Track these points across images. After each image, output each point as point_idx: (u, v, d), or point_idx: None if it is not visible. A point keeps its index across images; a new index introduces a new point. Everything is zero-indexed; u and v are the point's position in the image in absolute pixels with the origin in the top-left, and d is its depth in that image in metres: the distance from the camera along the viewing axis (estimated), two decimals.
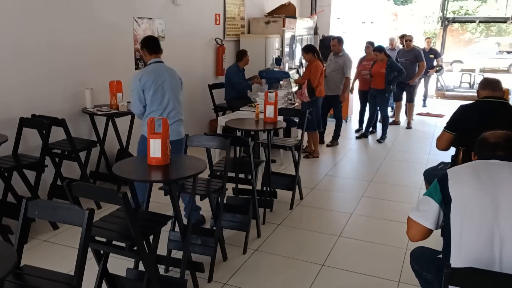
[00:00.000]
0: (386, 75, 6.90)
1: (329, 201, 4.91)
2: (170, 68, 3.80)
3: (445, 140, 3.40)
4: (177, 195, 3.06)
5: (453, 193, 1.94)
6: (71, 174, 4.48)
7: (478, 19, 16.85)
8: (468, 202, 1.90)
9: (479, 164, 2.07)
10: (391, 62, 6.98)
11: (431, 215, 2.03)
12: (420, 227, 2.06)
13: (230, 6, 7.41)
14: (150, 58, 3.73)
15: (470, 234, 1.88)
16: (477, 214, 1.88)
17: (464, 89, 13.45)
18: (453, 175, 2.01)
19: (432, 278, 2.29)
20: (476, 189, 1.92)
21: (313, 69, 5.87)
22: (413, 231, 2.12)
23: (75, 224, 2.06)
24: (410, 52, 8.27)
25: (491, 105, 3.21)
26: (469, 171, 2.02)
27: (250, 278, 3.23)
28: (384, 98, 7.18)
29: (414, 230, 2.10)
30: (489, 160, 2.06)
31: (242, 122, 4.54)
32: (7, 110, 3.95)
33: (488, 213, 1.86)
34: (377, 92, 7.13)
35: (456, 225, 1.91)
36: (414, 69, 8.23)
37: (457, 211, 1.92)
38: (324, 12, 10.43)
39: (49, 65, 4.30)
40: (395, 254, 3.60)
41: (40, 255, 3.46)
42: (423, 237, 2.09)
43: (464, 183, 1.96)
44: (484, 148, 2.15)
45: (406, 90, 8.35)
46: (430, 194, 2.05)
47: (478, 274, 1.75)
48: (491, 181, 1.93)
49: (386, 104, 7.34)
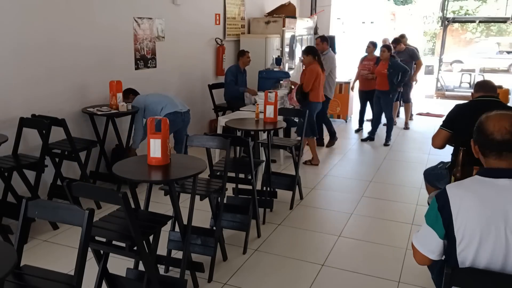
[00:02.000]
0: (389, 75, 6.82)
1: (329, 201, 4.91)
2: None
3: (441, 138, 3.41)
4: (177, 195, 3.06)
5: (458, 236, 1.74)
6: (71, 174, 4.48)
7: (478, 19, 16.82)
8: (481, 240, 1.71)
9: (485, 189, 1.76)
10: (393, 62, 6.87)
11: (435, 249, 1.86)
12: (425, 257, 1.91)
13: (230, 6, 7.41)
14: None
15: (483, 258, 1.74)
16: (489, 254, 1.72)
17: (464, 89, 13.45)
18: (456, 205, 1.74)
19: (435, 279, 2.28)
20: (485, 223, 1.69)
21: (308, 73, 5.65)
22: (418, 258, 1.95)
23: (75, 224, 2.06)
24: (404, 52, 8.16)
25: (483, 104, 3.24)
26: (475, 205, 1.72)
27: (250, 278, 3.23)
28: (388, 99, 7.07)
29: (419, 257, 1.94)
30: (497, 181, 1.75)
31: (242, 122, 4.54)
32: (7, 110, 3.95)
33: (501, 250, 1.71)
34: (381, 93, 7.04)
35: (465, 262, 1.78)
36: (410, 68, 8.09)
37: (468, 247, 1.75)
38: (324, 12, 10.43)
39: (49, 65, 4.30)
40: (395, 254, 3.60)
41: (40, 255, 3.46)
42: (430, 263, 1.97)
43: (471, 218, 1.71)
44: (487, 144, 1.81)
45: (403, 90, 8.12)
46: (432, 225, 1.82)
47: (478, 274, 1.75)
48: (502, 214, 1.69)
49: (390, 106, 7.19)
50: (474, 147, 1.91)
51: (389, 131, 7.21)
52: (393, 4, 26.92)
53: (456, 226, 1.73)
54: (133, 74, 5.32)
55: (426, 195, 4.03)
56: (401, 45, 8.17)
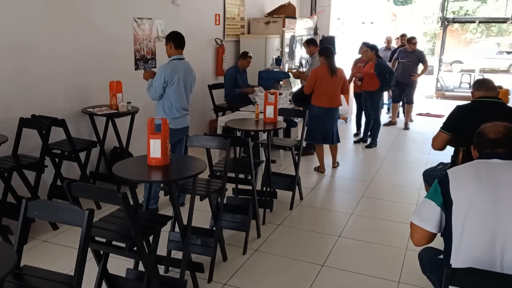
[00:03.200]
0: (377, 75, 6.60)
1: (329, 201, 4.91)
2: (189, 66, 4.25)
3: (441, 140, 3.41)
4: (177, 195, 3.06)
5: (454, 196, 1.92)
6: (71, 174, 4.47)
7: (478, 19, 16.82)
8: (470, 206, 1.88)
9: (479, 164, 2.03)
10: (379, 63, 6.64)
11: (433, 219, 2.00)
12: (423, 232, 2.03)
13: (230, 7, 7.41)
14: (173, 53, 4.13)
15: (472, 238, 1.87)
16: (478, 217, 1.86)
17: (464, 89, 13.45)
18: (454, 177, 1.98)
19: (434, 279, 2.28)
20: (477, 192, 1.89)
21: (310, 74, 5.52)
22: (417, 235, 2.08)
23: (75, 224, 2.06)
24: (413, 53, 8.09)
25: (487, 105, 3.22)
26: (470, 173, 1.98)
27: (250, 279, 3.22)
28: (373, 100, 6.88)
29: (418, 234, 2.06)
30: (490, 160, 2.02)
31: (242, 122, 4.54)
32: (7, 110, 3.95)
33: (489, 217, 1.85)
34: (367, 94, 6.90)
35: (457, 228, 1.90)
36: (415, 70, 8.14)
37: (459, 214, 1.90)
38: (324, 12, 10.43)
39: (49, 65, 4.30)
40: (395, 254, 3.60)
41: (40, 255, 3.46)
42: (428, 241, 2.07)
43: (465, 186, 1.93)
44: (484, 144, 2.10)
45: (406, 91, 8.24)
46: (431, 197, 2.02)
47: (478, 274, 1.75)
48: (493, 183, 1.91)
49: (376, 108, 6.99)
50: (473, 151, 2.17)
51: (375, 133, 7.03)
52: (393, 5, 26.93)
53: (452, 190, 1.94)
54: (133, 74, 5.32)
55: None
56: (413, 46, 8.07)
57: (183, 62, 4.18)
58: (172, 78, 4.03)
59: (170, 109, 4.11)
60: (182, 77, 4.11)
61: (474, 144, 2.18)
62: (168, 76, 4.02)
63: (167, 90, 4.07)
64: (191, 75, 4.26)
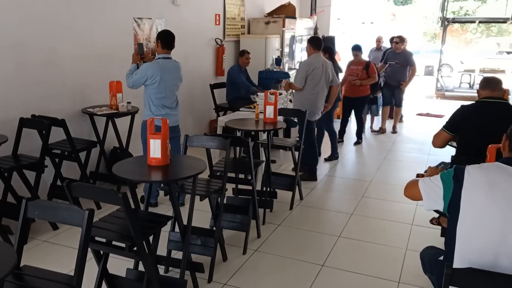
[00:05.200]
0: None
1: (329, 201, 4.91)
2: (175, 65, 4.20)
3: (442, 139, 3.41)
4: (177, 195, 3.06)
5: (463, 203, 1.85)
6: (71, 174, 4.47)
7: (478, 19, 16.82)
8: (478, 217, 1.83)
9: (498, 173, 1.88)
10: None
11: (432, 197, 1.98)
12: (417, 195, 2.05)
13: (230, 7, 7.41)
14: (160, 52, 4.11)
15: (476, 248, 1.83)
16: (485, 230, 1.82)
17: (464, 90, 13.45)
18: (469, 183, 1.87)
19: (434, 281, 2.28)
20: (487, 203, 1.82)
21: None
22: (411, 191, 2.11)
23: (75, 224, 2.06)
24: (401, 54, 7.65)
25: (491, 106, 3.20)
26: (485, 180, 1.85)
27: (250, 279, 3.22)
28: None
29: (413, 192, 2.09)
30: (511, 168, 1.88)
31: (242, 122, 4.54)
32: (7, 110, 3.95)
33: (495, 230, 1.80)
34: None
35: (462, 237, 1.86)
36: (405, 73, 7.70)
37: (464, 224, 1.85)
38: (324, 12, 10.44)
39: (49, 65, 4.30)
40: (395, 254, 3.60)
41: (40, 255, 3.46)
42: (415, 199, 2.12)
43: (477, 195, 1.84)
44: None
45: (396, 94, 7.86)
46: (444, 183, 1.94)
47: (478, 274, 1.75)
48: (505, 196, 1.81)
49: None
50: (504, 142, 2.02)
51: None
52: (393, 5, 26.93)
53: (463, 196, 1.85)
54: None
55: None
56: (401, 46, 7.71)
57: (169, 61, 4.13)
58: (154, 77, 4.00)
59: (151, 108, 4.10)
60: (166, 77, 4.06)
61: (507, 134, 2.02)
62: (149, 75, 4.00)
63: (149, 88, 4.06)
64: (177, 75, 4.20)
